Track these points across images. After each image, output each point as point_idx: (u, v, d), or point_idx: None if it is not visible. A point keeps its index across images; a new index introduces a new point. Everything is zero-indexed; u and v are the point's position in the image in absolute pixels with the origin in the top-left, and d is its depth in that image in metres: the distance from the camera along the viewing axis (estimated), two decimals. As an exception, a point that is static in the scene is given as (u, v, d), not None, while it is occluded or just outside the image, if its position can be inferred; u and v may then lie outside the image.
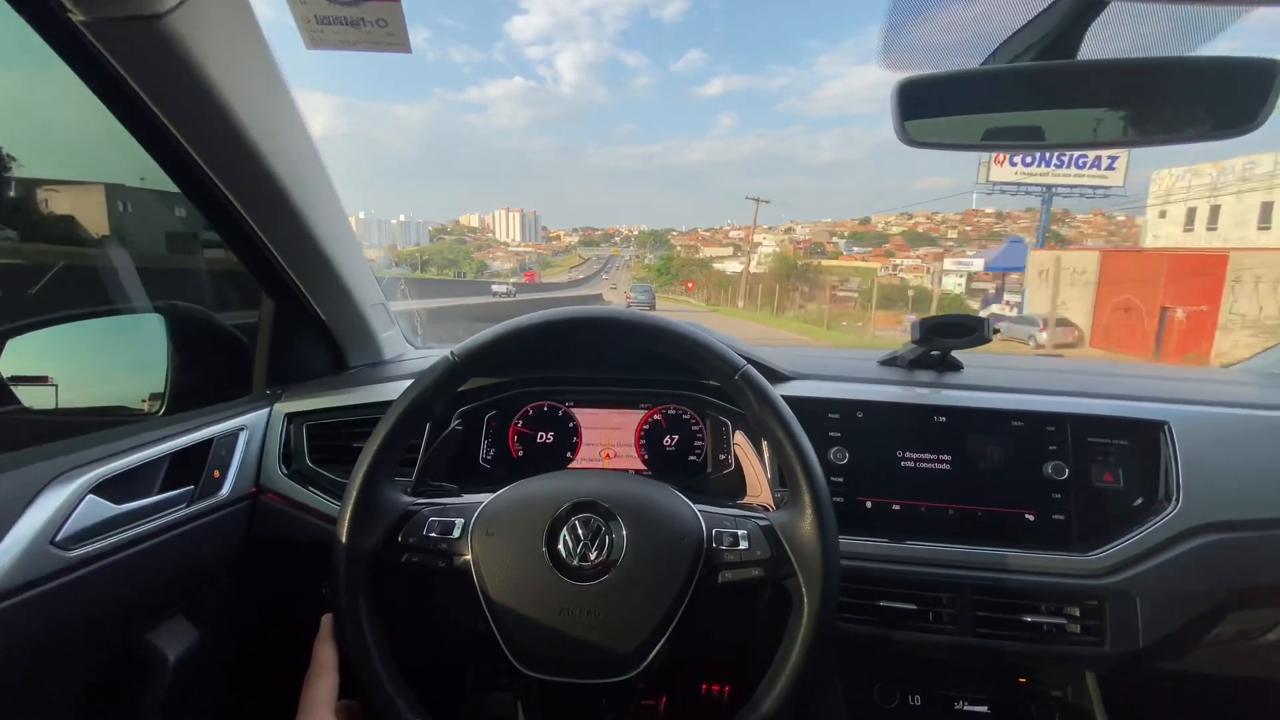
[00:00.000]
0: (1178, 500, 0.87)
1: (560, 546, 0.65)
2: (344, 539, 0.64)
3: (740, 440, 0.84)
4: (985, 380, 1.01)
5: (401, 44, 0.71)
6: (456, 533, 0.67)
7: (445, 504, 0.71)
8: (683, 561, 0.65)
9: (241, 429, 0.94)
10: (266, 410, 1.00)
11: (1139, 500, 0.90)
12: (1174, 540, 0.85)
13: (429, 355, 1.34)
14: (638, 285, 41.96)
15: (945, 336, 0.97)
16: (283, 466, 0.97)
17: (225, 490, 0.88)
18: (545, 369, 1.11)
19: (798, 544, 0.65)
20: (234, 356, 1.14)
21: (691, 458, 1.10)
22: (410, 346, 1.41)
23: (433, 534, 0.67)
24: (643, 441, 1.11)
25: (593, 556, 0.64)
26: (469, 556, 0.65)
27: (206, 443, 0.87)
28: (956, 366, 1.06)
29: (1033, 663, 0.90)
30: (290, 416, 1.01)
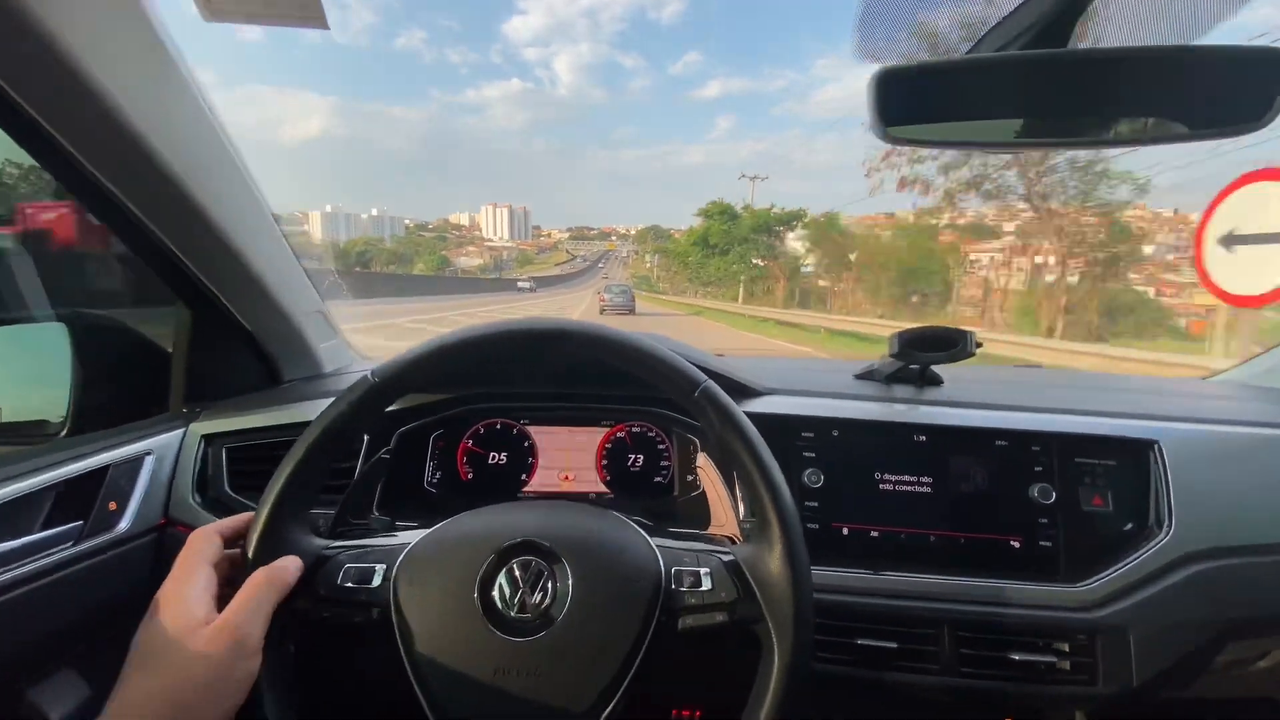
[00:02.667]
0: (1169, 526, 0.81)
1: (495, 595, 0.56)
2: None
3: (704, 464, 0.77)
4: (966, 396, 0.95)
5: (317, 19, 0.62)
6: (377, 580, 0.58)
7: (365, 546, 0.62)
8: (637, 607, 0.57)
9: (147, 453, 0.83)
10: (180, 431, 0.90)
11: (1129, 525, 0.84)
12: (1167, 569, 0.80)
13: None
14: (614, 286, 33.62)
15: (925, 350, 0.91)
16: (196, 495, 0.87)
17: (123, 524, 0.78)
18: (497, 383, 1.02)
19: (765, 583, 0.58)
20: (154, 370, 1.03)
21: (657, 479, 1.02)
22: (357, 357, 1.31)
23: (348, 583, 0.58)
24: (605, 462, 1.02)
25: (532, 606, 0.56)
26: (390, 609, 0.57)
27: (101, 471, 0.76)
28: (936, 381, 1.00)
29: (1019, 702, 0.84)
30: (208, 438, 0.91)
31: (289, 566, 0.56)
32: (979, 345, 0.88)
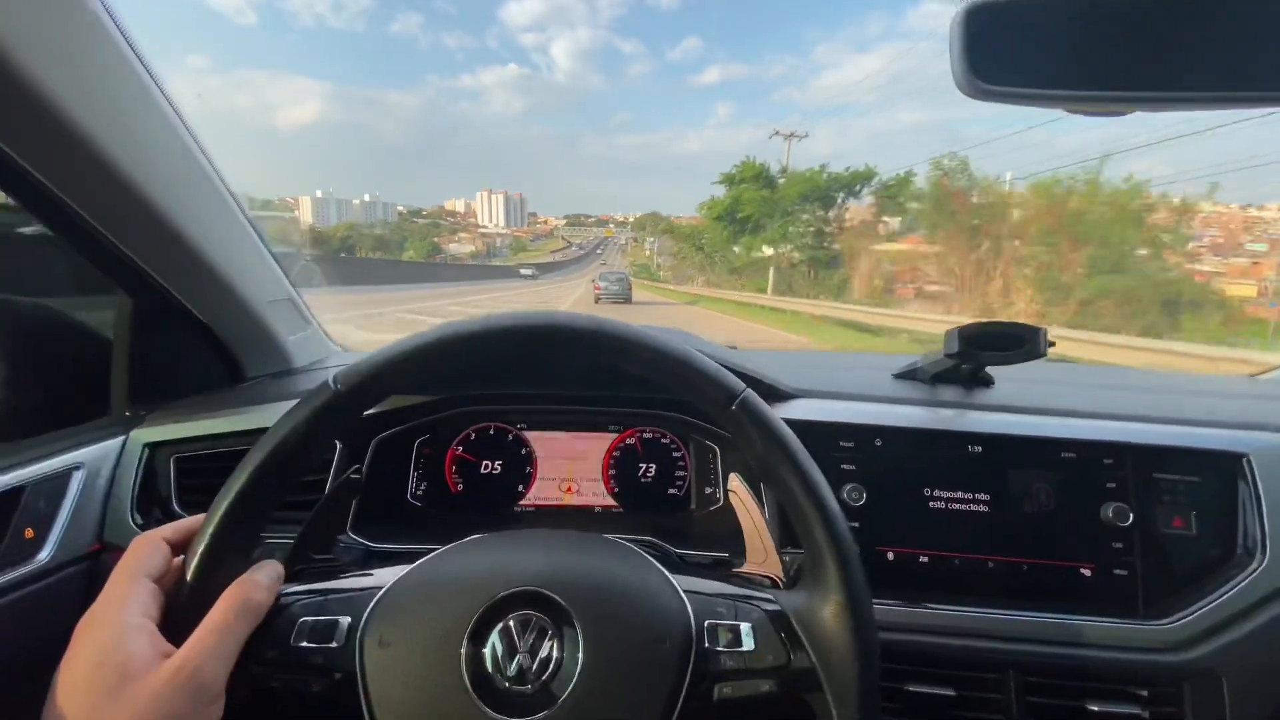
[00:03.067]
0: (1264, 552, 0.71)
1: (488, 662, 0.45)
2: None
3: (737, 487, 0.65)
4: (1023, 400, 0.84)
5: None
6: (339, 639, 0.46)
7: (326, 592, 0.50)
8: (663, 676, 0.45)
9: (76, 467, 0.71)
10: (120, 439, 0.77)
11: (1215, 551, 0.74)
12: (1262, 602, 0.69)
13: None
14: (609, 273, 29.95)
15: (988, 349, 0.79)
16: (137, 515, 0.75)
17: (44, 554, 0.65)
18: (490, 384, 0.90)
19: (822, 641, 0.47)
20: (100, 366, 0.90)
21: (671, 491, 0.91)
22: (336, 349, 1.18)
23: (304, 642, 0.46)
24: (612, 472, 0.91)
25: (532, 676, 0.44)
26: (356, 675, 0.45)
27: (14, 492, 0.64)
28: (987, 382, 0.89)
29: None
30: (153, 446, 0.78)
31: (262, 582, 0.46)
32: (1051, 344, 0.77)
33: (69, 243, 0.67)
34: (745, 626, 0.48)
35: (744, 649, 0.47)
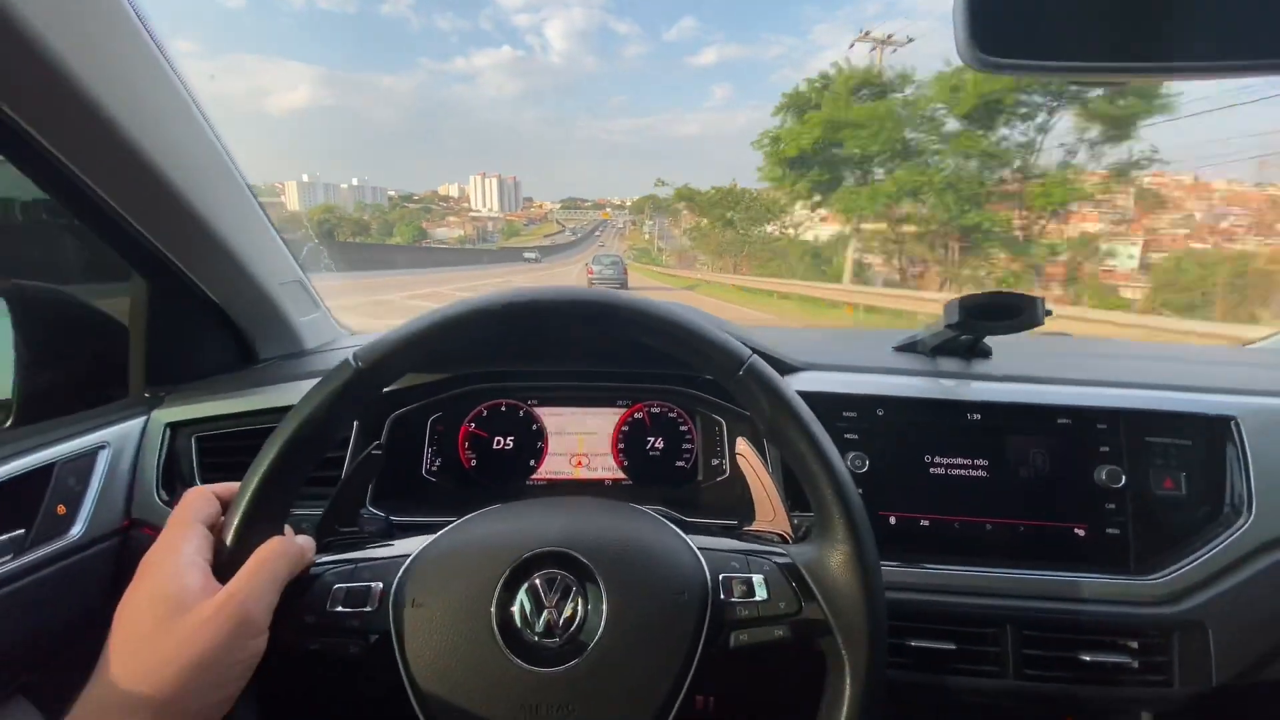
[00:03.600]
0: (1250, 510, 0.74)
1: (517, 618, 0.47)
2: None
3: (744, 449, 0.68)
4: (1021, 369, 0.86)
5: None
6: (373, 604, 0.49)
7: (357, 561, 0.52)
8: (682, 626, 0.48)
9: (102, 446, 0.72)
10: (142, 419, 0.79)
11: (1203, 510, 0.77)
12: (1247, 558, 0.73)
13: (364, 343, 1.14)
14: (603, 256, 28.24)
15: (988, 319, 0.81)
16: (162, 492, 0.77)
17: (76, 530, 0.67)
18: (500, 361, 0.92)
19: (832, 589, 0.50)
20: (115, 349, 0.91)
21: (679, 463, 0.93)
22: (344, 331, 1.20)
23: (338, 608, 0.49)
24: (621, 446, 0.93)
25: (559, 629, 0.47)
26: (391, 635, 0.47)
27: (44, 469, 0.66)
28: (985, 353, 0.91)
29: (1085, 704, 0.78)
30: (174, 426, 0.80)
31: (304, 544, 0.50)
32: (1049, 313, 0.79)
33: (90, 226, 0.69)
34: (758, 578, 0.51)
35: (757, 599, 0.50)
